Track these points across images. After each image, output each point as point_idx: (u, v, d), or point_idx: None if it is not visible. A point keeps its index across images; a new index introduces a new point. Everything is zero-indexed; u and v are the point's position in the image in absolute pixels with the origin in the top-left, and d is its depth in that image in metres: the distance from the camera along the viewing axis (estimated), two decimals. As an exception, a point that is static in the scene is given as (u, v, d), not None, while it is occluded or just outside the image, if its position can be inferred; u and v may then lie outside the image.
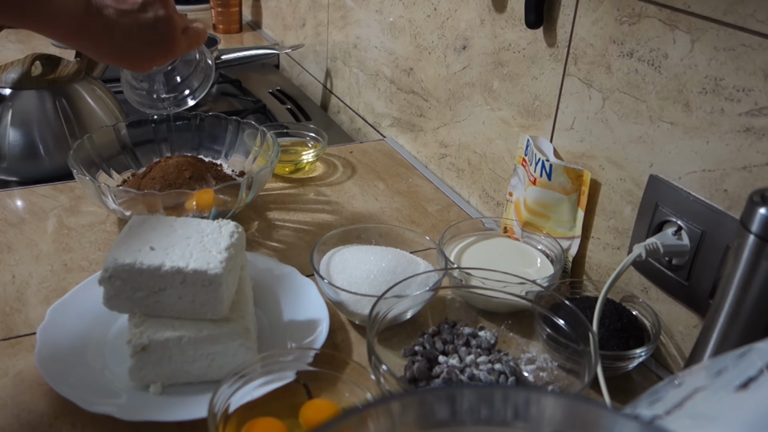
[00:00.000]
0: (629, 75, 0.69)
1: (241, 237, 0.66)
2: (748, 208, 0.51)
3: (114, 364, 0.64)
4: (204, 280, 0.59)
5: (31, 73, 1.03)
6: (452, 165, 1.05)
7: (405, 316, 0.68)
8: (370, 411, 0.27)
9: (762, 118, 0.57)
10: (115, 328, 0.68)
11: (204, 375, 0.62)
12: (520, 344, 0.68)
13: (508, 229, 0.86)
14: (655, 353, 0.71)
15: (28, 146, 1.02)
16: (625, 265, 0.65)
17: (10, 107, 1.01)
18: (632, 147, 0.70)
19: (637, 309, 0.71)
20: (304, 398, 0.59)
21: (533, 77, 0.84)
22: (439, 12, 1.01)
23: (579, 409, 0.27)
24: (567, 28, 0.77)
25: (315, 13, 1.49)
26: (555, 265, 0.77)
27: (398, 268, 0.73)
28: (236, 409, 0.56)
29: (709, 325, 0.56)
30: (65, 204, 0.94)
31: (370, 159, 1.14)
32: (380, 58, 1.21)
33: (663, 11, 0.64)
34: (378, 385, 0.57)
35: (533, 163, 0.81)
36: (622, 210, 0.73)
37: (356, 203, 0.99)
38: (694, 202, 0.63)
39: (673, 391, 0.38)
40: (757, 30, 0.56)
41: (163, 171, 0.89)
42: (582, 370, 0.59)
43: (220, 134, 1.02)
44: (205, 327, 0.61)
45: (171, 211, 0.81)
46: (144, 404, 0.60)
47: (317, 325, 0.69)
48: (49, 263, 0.81)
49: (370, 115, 1.30)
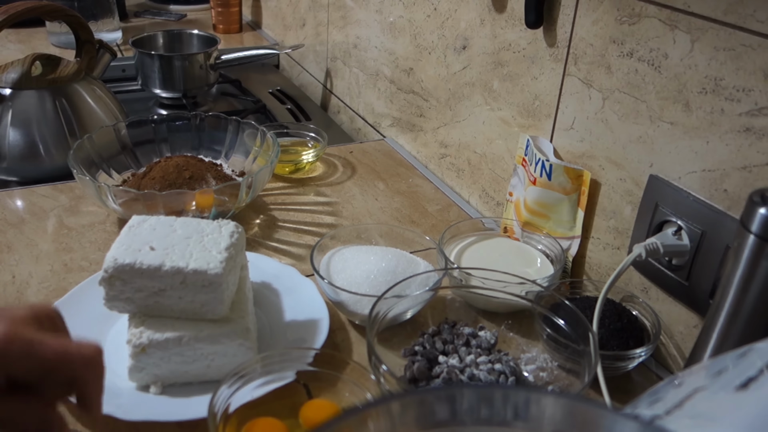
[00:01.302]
0: (629, 75, 0.69)
1: (241, 237, 0.66)
2: (748, 208, 0.51)
3: (114, 364, 0.64)
4: (204, 280, 0.59)
5: (31, 73, 1.03)
6: (452, 165, 1.05)
7: (405, 316, 0.68)
8: (370, 411, 0.27)
9: (762, 118, 0.57)
10: (115, 328, 0.68)
11: (204, 375, 0.62)
12: (520, 344, 0.68)
13: (508, 229, 0.86)
14: (655, 353, 0.71)
15: (28, 146, 1.02)
16: (625, 265, 0.65)
17: (10, 107, 1.01)
18: (632, 147, 0.70)
19: (637, 309, 0.71)
20: (304, 398, 0.59)
21: (533, 77, 0.84)
22: (439, 12, 1.01)
23: (579, 409, 0.27)
24: (567, 28, 0.77)
25: (315, 13, 1.49)
26: (555, 265, 0.77)
27: (398, 268, 0.73)
28: (236, 409, 0.56)
29: (709, 325, 0.56)
30: (65, 204, 0.94)
31: (370, 159, 1.14)
32: (380, 58, 1.21)
33: (663, 11, 0.64)
34: (378, 385, 0.57)
35: (533, 163, 0.81)
36: (622, 210, 0.73)
37: (356, 203, 0.99)
38: (694, 202, 0.63)
39: (673, 391, 0.38)
40: (757, 30, 0.56)
41: (163, 171, 0.89)
42: (582, 370, 0.59)
43: (220, 134, 1.02)
44: (205, 327, 0.61)
45: (171, 211, 0.81)
46: (144, 404, 0.60)
47: (317, 325, 0.69)
48: (49, 263, 0.81)
49: (370, 115, 1.30)
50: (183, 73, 1.36)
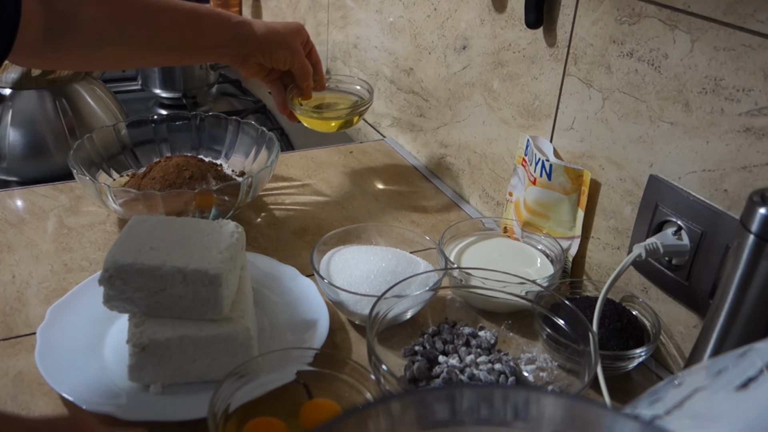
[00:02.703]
0: (629, 75, 0.69)
1: (241, 237, 0.66)
2: (748, 208, 0.51)
3: (114, 364, 0.64)
4: (204, 280, 0.59)
5: (31, 73, 1.03)
6: (452, 165, 1.05)
7: (405, 316, 0.68)
8: (370, 411, 0.27)
9: (762, 118, 0.57)
10: (115, 328, 0.68)
11: (204, 375, 0.62)
12: (520, 344, 0.68)
13: (508, 229, 0.86)
14: (655, 353, 0.71)
15: (28, 146, 1.02)
16: (625, 265, 0.65)
17: (10, 107, 1.01)
18: (632, 147, 0.70)
19: (637, 309, 0.71)
20: (304, 398, 0.59)
21: (533, 77, 0.84)
22: (439, 12, 1.01)
23: (579, 409, 0.27)
24: (567, 28, 0.77)
25: (315, 13, 1.49)
26: (555, 265, 0.77)
27: (398, 268, 0.73)
28: (236, 409, 0.56)
29: (709, 325, 0.56)
30: (65, 204, 0.94)
31: (370, 159, 1.14)
32: (380, 58, 1.21)
33: (663, 11, 0.64)
34: (378, 385, 0.57)
35: (533, 163, 0.81)
36: (622, 210, 0.73)
37: (356, 203, 0.99)
38: (694, 202, 0.63)
39: (673, 391, 0.38)
40: (757, 30, 0.56)
41: (163, 171, 0.89)
42: (582, 370, 0.59)
43: (220, 134, 1.02)
44: (205, 327, 0.61)
45: (171, 211, 0.81)
46: (144, 404, 0.60)
47: (317, 325, 0.69)
48: (49, 263, 0.81)
49: (370, 115, 1.30)
50: (183, 73, 1.36)
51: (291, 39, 0.88)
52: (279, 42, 0.87)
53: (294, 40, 0.89)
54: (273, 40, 0.87)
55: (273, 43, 0.87)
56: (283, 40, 0.87)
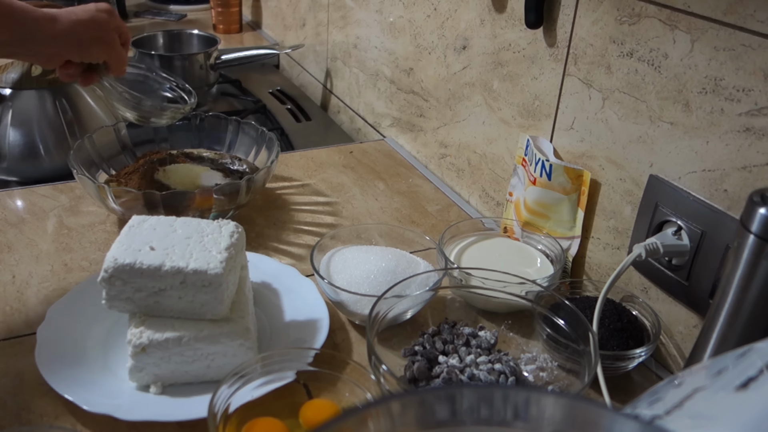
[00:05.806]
0: (629, 75, 0.69)
1: (241, 237, 0.66)
2: (748, 208, 0.51)
3: (114, 364, 0.64)
4: (204, 280, 0.59)
5: (31, 73, 1.03)
6: (452, 165, 1.05)
7: (405, 316, 0.68)
8: (370, 411, 0.27)
9: (762, 118, 0.57)
10: (115, 328, 0.68)
11: (204, 375, 0.62)
12: (520, 344, 0.68)
13: (508, 229, 0.86)
14: (655, 353, 0.71)
15: (28, 146, 1.02)
16: (625, 265, 0.65)
17: (10, 107, 1.01)
18: (632, 147, 0.70)
19: (637, 309, 0.71)
20: (304, 398, 0.60)
21: (533, 77, 0.84)
22: (439, 12, 1.01)
23: (579, 409, 0.27)
24: (567, 28, 0.77)
25: (315, 13, 1.49)
26: (555, 265, 0.77)
27: (398, 268, 0.73)
28: (236, 409, 0.56)
29: (709, 325, 0.56)
30: (65, 204, 0.94)
31: (370, 159, 1.14)
32: (380, 58, 1.21)
33: (663, 11, 0.64)
34: (378, 385, 0.57)
35: (533, 163, 0.81)
36: (622, 210, 0.73)
37: (356, 203, 0.99)
38: (694, 202, 0.63)
39: (673, 391, 0.38)
40: (757, 30, 0.56)
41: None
42: (582, 370, 0.59)
43: (220, 134, 1.02)
44: (205, 327, 0.61)
45: (171, 211, 0.81)
46: (144, 404, 0.60)
47: (317, 325, 0.69)
48: (49, 263, 0.81)
49: (370, 115, 1.30)
50: (183, 73, 1.36)
51: (103, 30, 0.78)
52: (90, 37, 0.77)
53: (107, 31, 0.78)
54: (83, 36, 0.76)
55: (83, 39, 0.76)
56: (95, 35, 0.77)
